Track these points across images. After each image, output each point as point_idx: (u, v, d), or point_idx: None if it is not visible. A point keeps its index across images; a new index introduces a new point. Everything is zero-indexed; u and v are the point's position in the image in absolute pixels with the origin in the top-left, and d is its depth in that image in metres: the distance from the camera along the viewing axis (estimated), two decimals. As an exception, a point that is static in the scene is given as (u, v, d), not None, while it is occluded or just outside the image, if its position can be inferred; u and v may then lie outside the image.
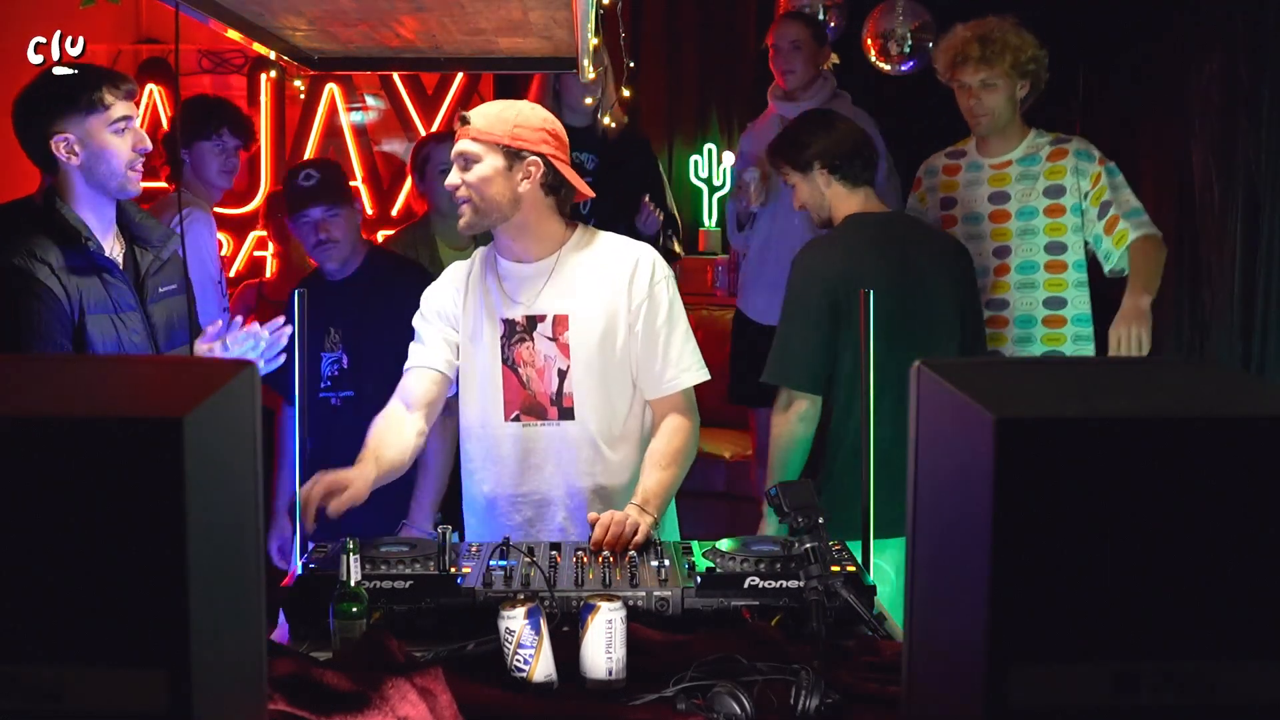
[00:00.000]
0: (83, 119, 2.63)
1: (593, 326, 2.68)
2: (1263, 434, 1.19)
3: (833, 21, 5.43)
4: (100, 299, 2.65)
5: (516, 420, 2.72)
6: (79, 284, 2.62)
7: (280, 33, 3.14)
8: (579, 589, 2.21)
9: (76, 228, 2.64)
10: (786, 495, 2.22)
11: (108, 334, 2.64)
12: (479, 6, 2.77)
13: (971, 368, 1.41)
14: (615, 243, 2.75)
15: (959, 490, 1.29)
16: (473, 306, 2.75)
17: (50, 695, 1.13)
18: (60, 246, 2.63)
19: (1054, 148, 3.61)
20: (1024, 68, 3.57)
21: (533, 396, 2.71)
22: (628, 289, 2.68)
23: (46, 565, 1.12)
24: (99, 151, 2.64)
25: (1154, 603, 1.18)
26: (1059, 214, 3.57)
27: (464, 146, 2.63)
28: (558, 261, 2.70)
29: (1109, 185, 3.54)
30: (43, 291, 2.57)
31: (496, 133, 2.61)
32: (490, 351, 2.72)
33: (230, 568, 1.29)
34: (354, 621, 2.06)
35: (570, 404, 2.70)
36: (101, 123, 2.63)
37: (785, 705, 1.84)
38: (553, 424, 2.71)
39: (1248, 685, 1.19)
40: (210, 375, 1.28)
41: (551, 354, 2.69)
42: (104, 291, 2.65)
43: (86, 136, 2.64)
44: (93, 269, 2.65)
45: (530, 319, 2.70)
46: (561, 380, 2.70)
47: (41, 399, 1.21)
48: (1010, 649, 1.18)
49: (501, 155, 2.61)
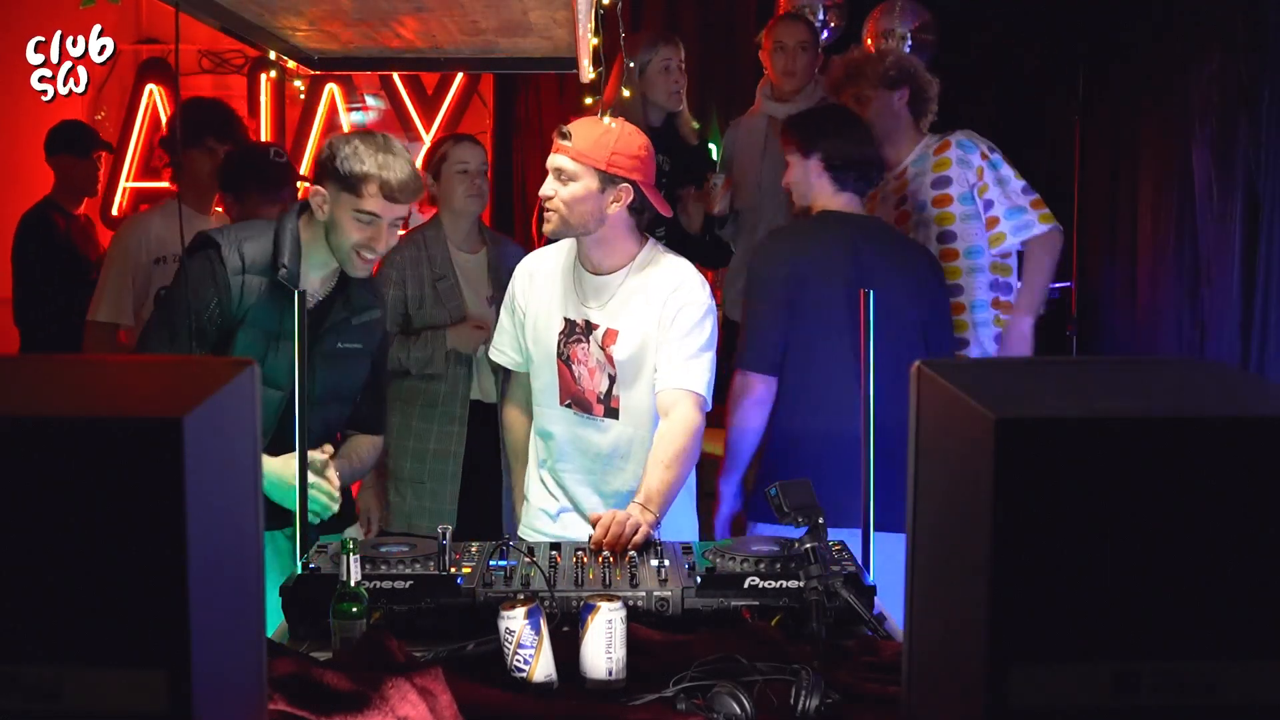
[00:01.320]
0: (339, 191, 2.69)
1: (634, 343, 2.80)
2: (1263, 434, 1.19)
3: (833, 21, 5.43)
4: (270, 315, 2.72)
5: (569, 407, 2.89)
6: (260, 295, 2.71)
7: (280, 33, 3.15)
8: (579, 589, 2.21)
9: (280, 250, 2.72)
10: (787, 495, 2.22)
11: (256, 346, 2.72)
12: (479, 6, 2.78)
13: (971, 368, 1.41)
14: (671, 266, 2.84)
15: (959, 490, 1.29)
16: (546, 296, 2.90)
17: (50, 695, 1.13)
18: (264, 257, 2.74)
19: (939, 142, 3.73)
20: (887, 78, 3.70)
21: (582, 392, 2.86)
22: (660, 309, 2.79)
23: (46, 565, 1.12)
24: (336, 224, 2.71)
25: (1154, 603, 1.19)
26: (946, 203, 3.68)
27: (561, 162, 2.73)
28: (625, 279, 2.82)
29: (991, 180, 3.64)
30: (221, 279, 2.69)
31: (595, 156, 2.71)
32: (551, 342, 2.88)
33: (230, 568, 1.29)
34: (354, 621, 2.06)
35: (617, 405, 2.84)
36: (349, 204, 2.68)
37: (785, 705, 1.84)
38: (598, 420, 2.86)
39: (1248, 685, 1.19)
40: (210, 375, 1.28)
41: (601, 360, 2.83)
42: (278, 313, 2.72)
43: (335, 204, 2.70)
44: (282, 290, 2.71)
45: (588, 324, 2.84)
46: (611, 384, 2.84)
47: (41, 399, 1.21)
48: (1010, 649, 1.19)
49: (596, 178, 2.72)
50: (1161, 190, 4.69)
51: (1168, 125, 4.66)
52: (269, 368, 2.72)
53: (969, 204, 3.66)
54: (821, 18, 5.34)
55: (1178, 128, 4.52)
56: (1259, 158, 4.04)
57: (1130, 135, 5.02)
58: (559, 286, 2.89)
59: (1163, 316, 4.65)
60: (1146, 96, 4.90)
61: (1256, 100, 4.03)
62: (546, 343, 2.89)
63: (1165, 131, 4.68)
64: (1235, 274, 4.15)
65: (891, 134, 3.73)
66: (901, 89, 3.71)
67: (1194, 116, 4.38)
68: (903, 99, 3.72)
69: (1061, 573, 1.18)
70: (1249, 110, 4.08)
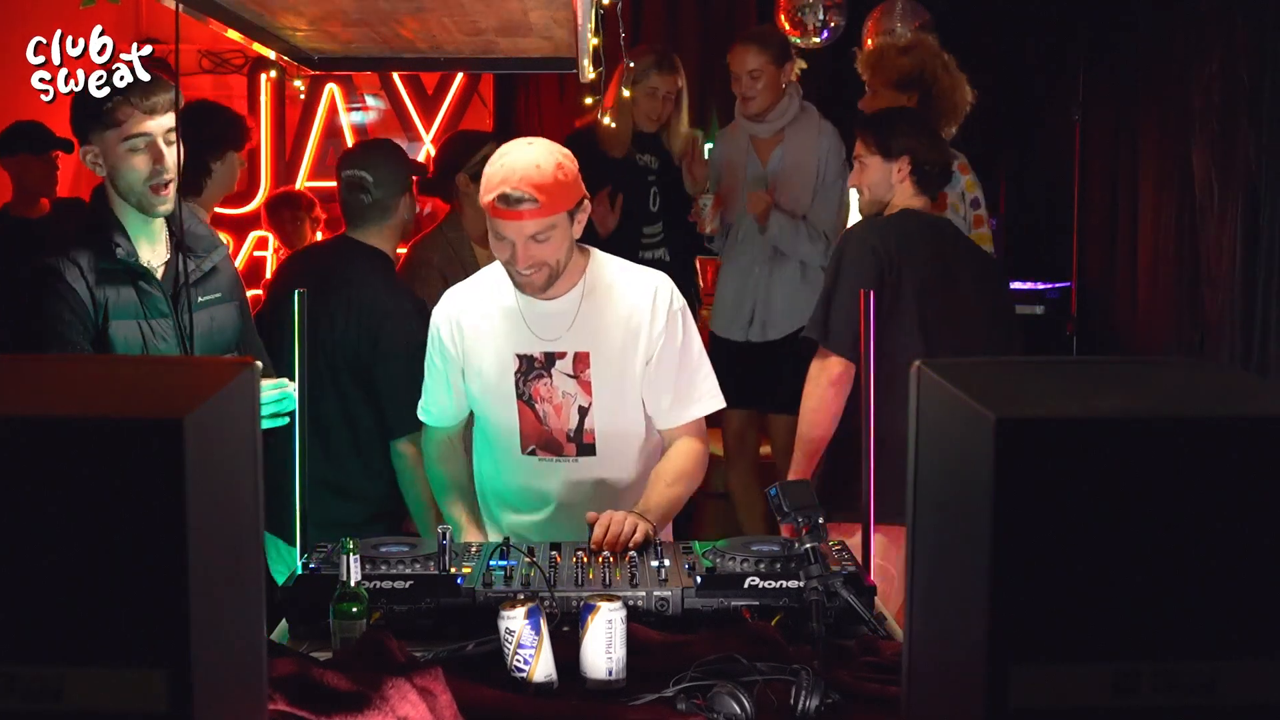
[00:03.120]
0: (101, 133, 2.60)
1: (613, 361, 2.65)
2: (1263, 434, 1.19)
3: (833, 21, 5.43)
4: (130, 304, 2.64)
5: (533, 454, 2.69)
6: (108, 288, 2.62)
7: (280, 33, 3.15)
8: (579, 589, 2.20)
9: (107, 233, 2.63)
10: (787, 495, 2.22)
11: (133, 339, 2.63)
12: (479, 6, 2.78)
13: (971, 368, 1.41)
14: (632, 273, 2.72)
15: (959, 490, 1.29)
16: (488, 336, 2.69)
17: (50, 695, 1.13)
18: (93, 250, 2.63)
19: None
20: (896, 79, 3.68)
21: (549, 433, 2.67)
22: (649, 320, 2.65)
23: (47, 565, 1.12)
24: (115, 168, 2.61)
25: (1154, 603, 1.19)
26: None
27: (535, 228, 2.51)
28: (582, 297, 2.65)
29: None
30: (66, 292, 2.58)
31: (564, 200, 2.54)
32: (508, 385, 2.67)
33: (230, 568, 1.29)
34: (354, 621, 2.06)
35: (591, 440, 2.66)
36: (115, 138, 2.59)
37: (785, 705, 1.84)
38: (570, 460, 2.67)
39: (1248, 685, 1.19)
40: (210, 375, 1.28)
41: (571, 390, 2.65)
42: (136, 297, 2.65)
43: (105, 151, 2.61)
44: (126, 274, 2.64)
45: (549, 355, 2.65)
46: (582, 417, 2.66)
47: (42, 399, 1.21)
48: (1010, 649, 1.19)
49: (566, 217, 2.56)
50: (1161, 190, 4.68)
51: (1168, 125, 4.66)
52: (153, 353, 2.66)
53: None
54: (821, 18, 5.34)
55: (1178, 128, 4.52)
56: (1259, 158, 4.04)
57: (1130, 135, 5.02)
58: (501, 324, 2.67)
59: (1163, 316, 4.65)
60: (1146, 96, 4.90)
61: (1257, 100, 4.03)
62: (501, 387, 2.66)
63: (1165, 131, 4.68)
64: (1235, 274, 4.15)
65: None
66: (910, 92, 3.67)
67: (1194, 116, 4.38)
68: (911, 101, 3.67)
69: (1061, 573, 1.18)
70: (1249, 110, 4.08)
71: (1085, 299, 5.30)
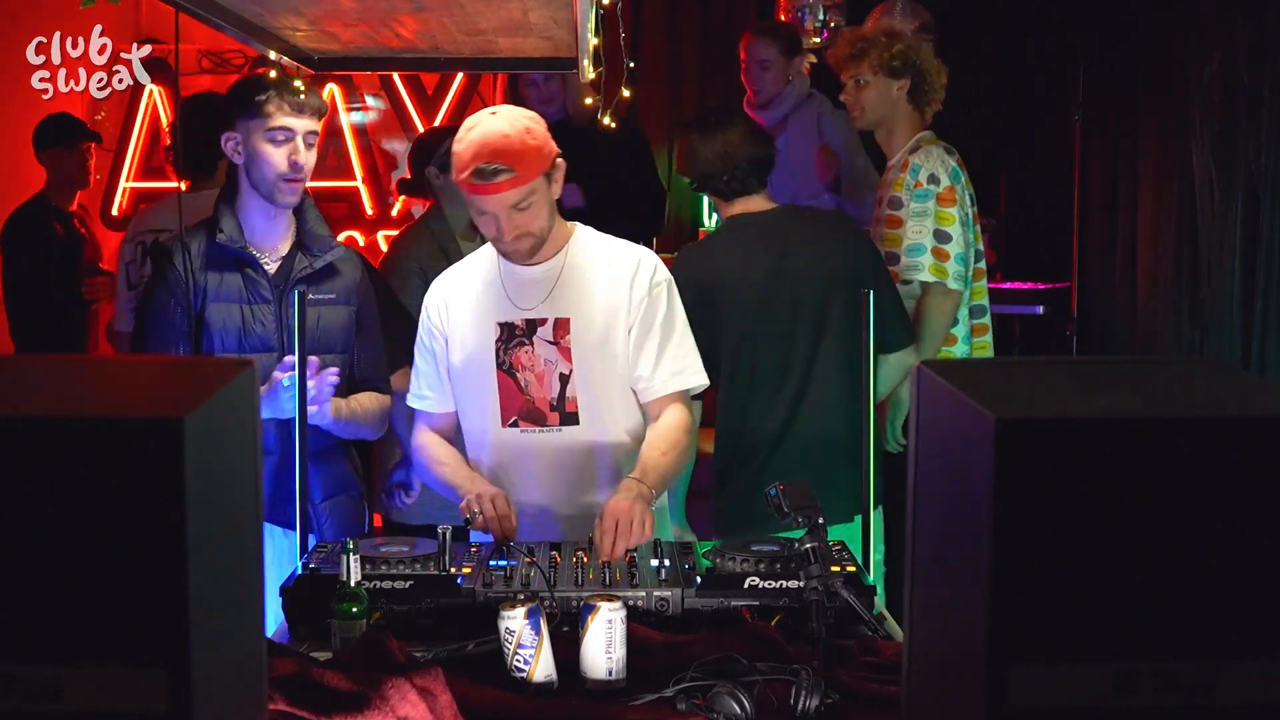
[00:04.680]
0: (246, 122, 2.76)
1: (594, 329, 2.62)
2: (1263, 434, 1.19)
3: (833, 21, 5.43)
4: (234, 288, 2.80)
5: (514, 426, 2.66)
6: (210, 272, 2.79)
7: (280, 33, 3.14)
8: (579, 589, 2.20)
9: (221, 219, 2.80)
10: (786, 495, 2.22)
11: (232, 320, 2.78)
12: (479, 6, 2.77)
13: (971, 368, 1.41)
14: (617, 245, 2.71)
15: (959, 490, 1.29)
16: (470, 309, 2.68)
17: (50, 695, 1.13)
18: (205, 234, 2.81)
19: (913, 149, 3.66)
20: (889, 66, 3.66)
21: (531, 402, 2.64)
22: (629, 290, 2.63)
23: (46, 565, 1.12)
24: (254, 156, 2.76)
25: (1154, 603, 1.19)
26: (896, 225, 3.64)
27: (515, 196, 2.50)
28: (564, 266, 2.64)
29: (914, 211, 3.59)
30: (169, 273, 2.78)
31: (539, 164, 2.51)
32: (488, 355, 2.65)
33: (230, 568, 1.29)
34: (354, 621, 2.06)
35: (574, 408, 2.63)
36: (259, 128, 2.74)
37: (785, 705, 1.84)
38: (554, 430, 2.64)
39: (1248, 685, 1.19)
40: (210, 375, 1.28)
41: (553, 358, 2.62)
42: (241, 282, 2.80)
43: (247, 139, 2.76)
44: (233, 261, 2.80)
45: (530, 323, 2.63)
46: (564, 385, 2.63)
47: (41, 399, 1.21)
48: (1010, 649, 1.19)
49: (544, 180, 2.54)
50: (1161, 190, 4.68)
51: (1168, 125, 4.66)
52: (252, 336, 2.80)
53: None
54: (822, 18, 5.35)
55: (1178, 128, 4.52)
56: (1259, 158, 4.04)
57: (1130, 135, 5.02)
58: (482, 295, 2.67)
59: (1163, 316, 4.65)
60: (1146, 96, 4.90)
61: (1256, 100, 4.04)
62: (480, 358, 2.64)
63: (1165, 131, 4.68)
64: (1235, 274, 4.15)
65: (887, 122, 3.69)
66: (903, 79, 3.67)
67: (1194, 116, 4.38)
68: (903, 89, 3.65)
69: (1061, 573, 1.18)
70: (1249, 110, 4.08)
71: (1085, 299, 5.30)
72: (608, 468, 2.65)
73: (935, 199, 3.54)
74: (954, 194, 3.55)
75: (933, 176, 3.54)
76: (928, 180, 3.54)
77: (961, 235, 3.53)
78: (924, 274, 3.51)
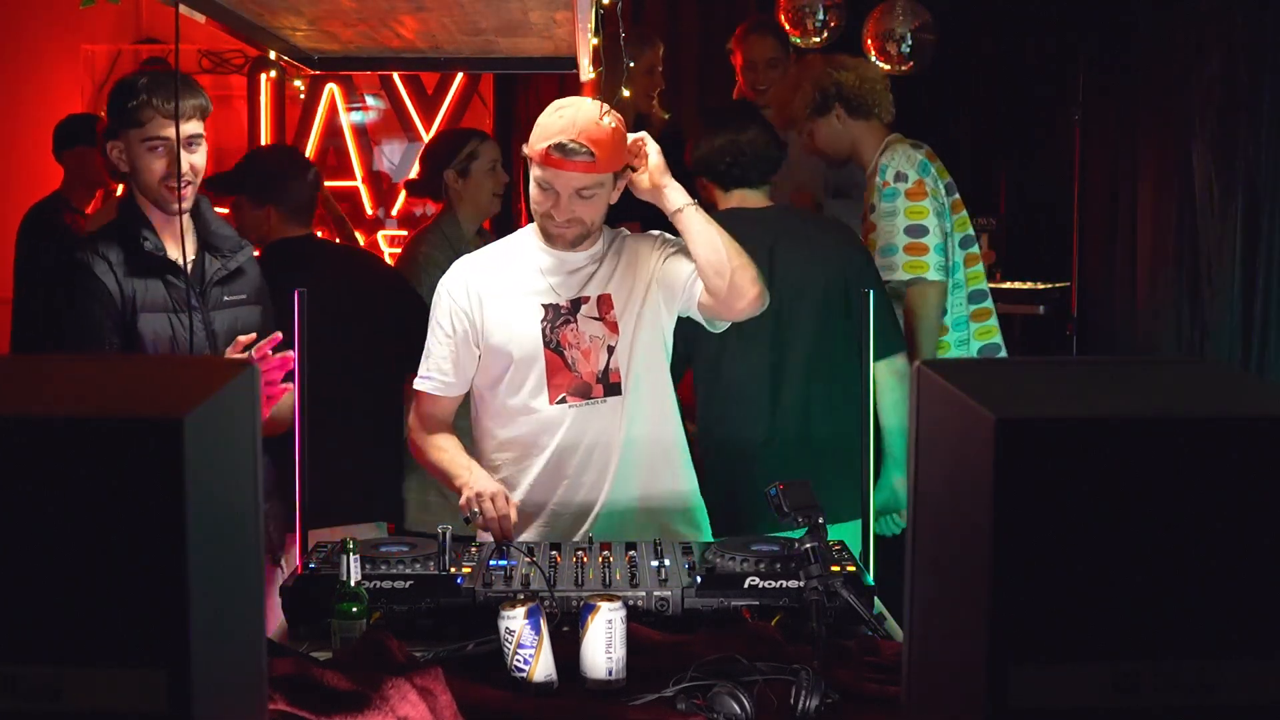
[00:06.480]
0: (126, 131, 2.66)
1: (634, 300, 2.69)
2: (1263, 434, 1.19)
3: (833, 21, 5.43)
4: (159, 298, 2.70)
5: (562, 402, 2.68)
6: (136, 282, 2.68)
7: (280, 33, 3.15)
8: (579, 589, 2.21)
9: (135, 228, 2.70)
10: (787, 495, 2.22)
11: (162, 331, 2.68)
12: (479, 6, 2.78)
13: (972, 368, 1.41)
14: (640, 235, 2.80)
15: (959, 490, 1.29)
16: (507, 294, 2.70)
17: (50, 695, 1.13)
18: (122, 244, 2.69)
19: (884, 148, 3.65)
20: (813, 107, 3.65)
21: (578, 378, 2.67)
22: (653, 256, 2.72)
23: (46, 565, 1.12)
24: (135, 166, 2.67)
25: (1154, 603, 1.18)
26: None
27: (586, 181, 2.57)
28: (606, 250, 2.72)
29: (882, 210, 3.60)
30: (95, 286, 2.64)
31: (617, 162, 2.60)
32: (534, 335, 2.67)
33: (230, 568, 1.29)
34: (354, 621, 2.06)
35: (617, 379, 2.68)
36: (137, 137, 2.65)
37: (785, 705, 1.84)
38: (599, 401, 2.67)
39: (1248, 685, 1.19)
40: (210, 375, 1.28)
41: (599, 334, 2.68)
42: (164, 292, 2.70)
43: (128, 148, 2.67)
44: (154, 269, 2.70)
45: (574, 302, 2.68)
46: (609, 356, 2.68)
47: (41, 399, 1.21)
48: (1010, 649, 1.18)
49: (612, 179, 2.62)
50: (1161, 190, 4.69)
51: (1168, 125, 4.66)
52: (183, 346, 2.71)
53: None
54: (822, 18, 5.34)
55: (1178, 128, 4.52)
56: (1259, 158, 4.05)
57: (1130, 135, 5.02)
58: (521, 280, 2.70)
59: (1163, 316, 4.65)
60: (1146, 96, 4.90)
61: (1257, 100, 4.04)
62: (528, 339, 2.66)
63: (1165, 131, 4.68)
64: (1235, 274, 4.16)
65: (851, 148, 3.68)
66: (834, 106, 3.62)
67: (1194, 116, 4.38)
68: (841, 116, 3.63)
69: (1061, 573, 1.18)
70: (1249, 110, 4.08)
71: (1085, 299, 5.30)
72: (645, 437, 2.70)
73: (904, 195, 3.52)
74: (924, 186, 3.54)
75: (899, 174, 3.54)
76: (894, 179, 3.54)
77: (938, 225, 3.52)
78: (899, 273, 3.51)
